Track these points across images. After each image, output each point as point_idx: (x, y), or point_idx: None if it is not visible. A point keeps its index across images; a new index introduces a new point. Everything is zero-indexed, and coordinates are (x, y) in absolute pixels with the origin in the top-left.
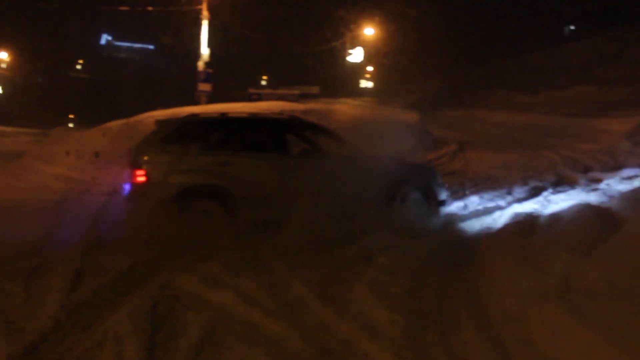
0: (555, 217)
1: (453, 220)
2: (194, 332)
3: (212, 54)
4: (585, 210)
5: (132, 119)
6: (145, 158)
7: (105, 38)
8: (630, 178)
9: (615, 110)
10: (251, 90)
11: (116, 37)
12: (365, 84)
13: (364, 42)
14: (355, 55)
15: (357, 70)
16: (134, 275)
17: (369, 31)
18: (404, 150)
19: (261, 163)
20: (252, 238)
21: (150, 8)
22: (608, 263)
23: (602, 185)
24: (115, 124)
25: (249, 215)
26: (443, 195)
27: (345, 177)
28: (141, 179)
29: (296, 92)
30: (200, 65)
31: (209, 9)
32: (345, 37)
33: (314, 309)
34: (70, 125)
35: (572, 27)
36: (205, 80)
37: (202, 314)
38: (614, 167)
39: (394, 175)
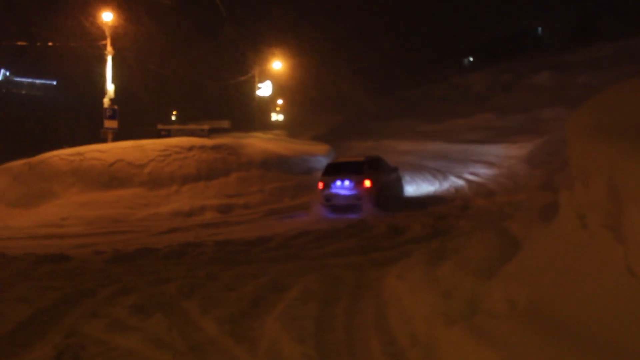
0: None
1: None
2: None
3: (119, 90)
4: (489, 232)
5: (35, 159)
6: None
7: (2, 73)
8: None
9: (513, 136)
10: (160, 127)
11: (15, 73)
12: (276, 116)
13: (272, 76)
14: (265, 88)
15: (267, 104)
16: (36, 325)
17: (277, 65)
18: None
19: None
20: None
21: (50, 44)
22: (509, 284)
23: None
24: (15, 164)
25: None
26: None
27: None
28: None
29: (206, 127)
30: (106, 101)
31: (113, 45)
32: (254, 70)
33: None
34: None
35: (471, 59)
36: (111, 117)
37: None
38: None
39: None
